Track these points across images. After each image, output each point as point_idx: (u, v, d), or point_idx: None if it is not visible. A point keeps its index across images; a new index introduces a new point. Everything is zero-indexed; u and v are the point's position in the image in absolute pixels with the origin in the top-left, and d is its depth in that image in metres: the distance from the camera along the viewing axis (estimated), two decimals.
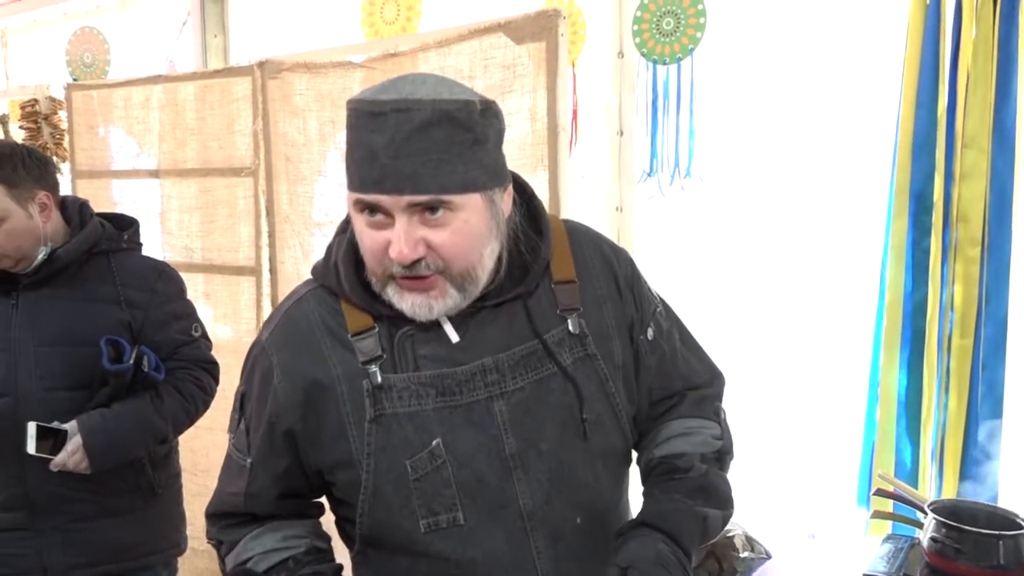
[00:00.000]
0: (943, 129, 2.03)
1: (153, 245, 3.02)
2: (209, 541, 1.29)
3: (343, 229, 1.21)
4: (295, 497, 1.25)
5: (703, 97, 2.44)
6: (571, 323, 1.20)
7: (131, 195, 3.16)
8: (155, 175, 3.09)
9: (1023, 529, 1.66)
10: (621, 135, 2.49)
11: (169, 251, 3.08)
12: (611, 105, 2.50)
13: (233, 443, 1.25)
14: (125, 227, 2.03)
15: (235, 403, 1.26)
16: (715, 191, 2.49)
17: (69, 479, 1.85)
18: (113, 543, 1.95)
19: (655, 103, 2.48)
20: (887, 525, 2.09)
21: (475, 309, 1.16)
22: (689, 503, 1.18)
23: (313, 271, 1.25)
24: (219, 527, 1.27)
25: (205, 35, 3.49)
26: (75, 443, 1.79)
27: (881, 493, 1.89)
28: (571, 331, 1.19)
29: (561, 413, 1.17)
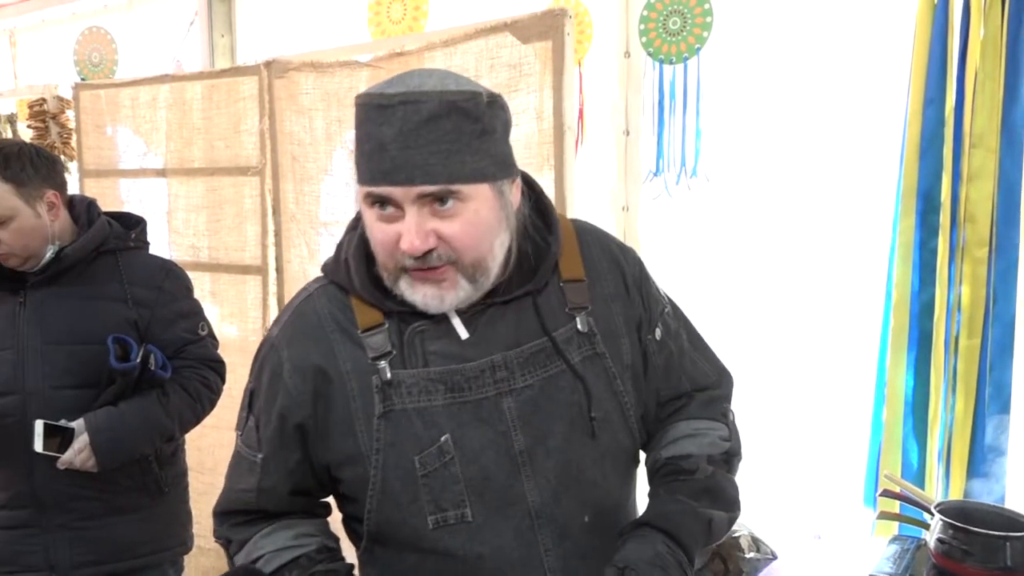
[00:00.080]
0: (951, 129, 2.02)
1: (160, 244, 3.03)
2: (217, 540, 1.28)
3: (353, 226, 1.22)
4: (305, 494, 1.25)
5: (709, 97, 2.44)
6: (580, 321, 1.19)
7: (138, 194, 3.17)
8: (162, 174, 3.10)
9: None
10: (627, 135, 2.49)
11: (176, 250, 3.08)
12: (617, 105, 2.50)
13: (242, 440, 1.25)
14: (132, 226, 2.04)
15: (244, 400, 1.26)
16: (721, 191, 2.49)
17: (76, 477, 1.85)
18: (120, 541, 1.95)
19: (661, 103, 2.48)
20: (893, 526, 2.08)
21: (484, 306, 1.16)
22: (693, 504, 1.17)
23: (323, 268, 1.25)
24: (228, 525, 1.26)
25: (212, 35, 3.50)
26: (82, 441, 1.80)
27: (888, 494, 1.88)
28: (580, 329, 1.19)
29: (570, 411, 1.17)
